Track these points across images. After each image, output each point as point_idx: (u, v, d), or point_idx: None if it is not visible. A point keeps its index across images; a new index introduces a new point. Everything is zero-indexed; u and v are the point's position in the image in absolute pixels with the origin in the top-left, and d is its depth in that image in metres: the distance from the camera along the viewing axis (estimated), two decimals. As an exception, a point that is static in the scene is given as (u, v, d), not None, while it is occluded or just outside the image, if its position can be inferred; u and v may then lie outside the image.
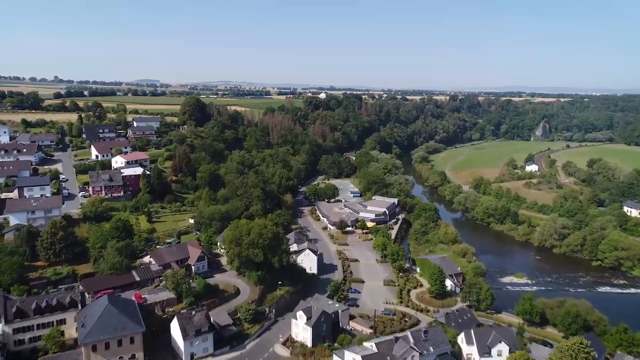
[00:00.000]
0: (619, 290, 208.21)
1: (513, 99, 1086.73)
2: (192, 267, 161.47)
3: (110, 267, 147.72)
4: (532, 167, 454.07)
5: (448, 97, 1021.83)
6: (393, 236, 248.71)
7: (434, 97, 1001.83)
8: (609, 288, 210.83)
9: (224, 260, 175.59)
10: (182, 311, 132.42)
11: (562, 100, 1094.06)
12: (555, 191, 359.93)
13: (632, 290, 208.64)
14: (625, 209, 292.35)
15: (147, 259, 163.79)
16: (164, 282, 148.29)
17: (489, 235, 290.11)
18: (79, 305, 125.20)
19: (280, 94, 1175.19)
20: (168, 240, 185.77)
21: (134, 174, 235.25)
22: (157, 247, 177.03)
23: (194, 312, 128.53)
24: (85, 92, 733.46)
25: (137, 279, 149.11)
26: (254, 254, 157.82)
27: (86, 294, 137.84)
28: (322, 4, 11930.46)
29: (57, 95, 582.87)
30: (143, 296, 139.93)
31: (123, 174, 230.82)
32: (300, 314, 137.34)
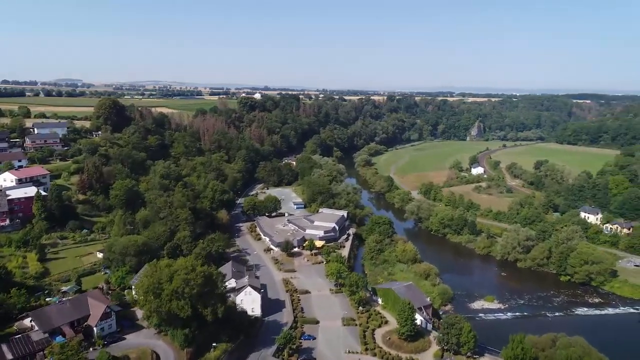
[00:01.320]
0: (597, 312, 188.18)
1: (448, 99, 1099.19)
2: (94, 329, 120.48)
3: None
4: (477, 170, 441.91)
5: (385, 98, 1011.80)
6: (346, 256, 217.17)
7: (371, 98, 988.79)
8: (586, 309, 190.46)
9: (140, 313, 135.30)
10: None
11: (493, 100, 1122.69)
12: (506, 195, 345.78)
13: (610, 311, 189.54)
14: (582, 214, 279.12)
15: (27, 322, 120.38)
16: (49, 358, 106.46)
17: (447, 248, 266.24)
18: None
19: (212, 94, 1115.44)
20: (64, 288, 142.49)
21: (25, 196, 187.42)
22: (47, 300, 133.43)
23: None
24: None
25: (9, 357, 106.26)
26: (178, 308, 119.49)
27: None
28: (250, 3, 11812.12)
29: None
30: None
31: (9, 197, 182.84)
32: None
